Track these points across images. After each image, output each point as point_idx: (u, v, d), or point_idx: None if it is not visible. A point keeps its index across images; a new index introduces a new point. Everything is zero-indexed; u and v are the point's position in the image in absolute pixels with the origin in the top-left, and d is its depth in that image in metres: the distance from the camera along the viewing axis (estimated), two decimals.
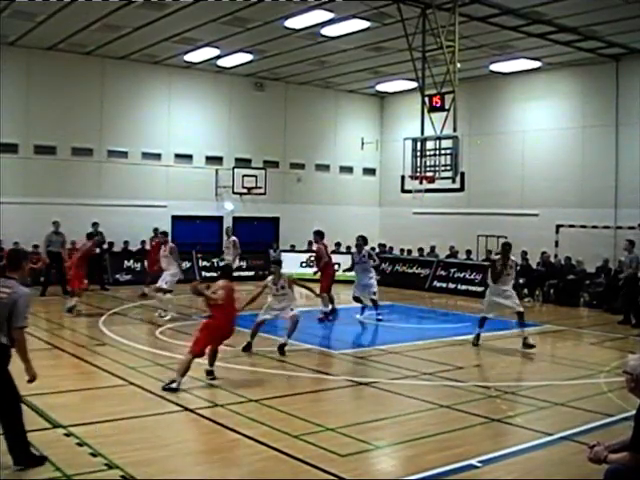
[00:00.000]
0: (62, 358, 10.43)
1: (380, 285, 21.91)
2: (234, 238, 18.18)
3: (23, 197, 19.50)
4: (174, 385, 8.48)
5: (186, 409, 7.71)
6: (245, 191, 23.04)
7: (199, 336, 8.93)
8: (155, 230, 19.35)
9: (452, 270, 20.90)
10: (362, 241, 14.97)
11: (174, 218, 22.47)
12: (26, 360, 5.79)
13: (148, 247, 19.73)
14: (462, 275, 20.53)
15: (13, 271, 5.88)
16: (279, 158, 24.83)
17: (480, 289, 19.80)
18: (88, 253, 15.70)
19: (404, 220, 24.62)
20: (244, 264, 21.84)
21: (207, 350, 9.04)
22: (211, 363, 9.17)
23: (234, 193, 22.95)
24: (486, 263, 20.72)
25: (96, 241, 17.28)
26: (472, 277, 20.25)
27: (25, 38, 18.92)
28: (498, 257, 12.84)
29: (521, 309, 12.30)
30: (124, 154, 21.77)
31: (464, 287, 20.27)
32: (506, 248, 12.61)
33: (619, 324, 14.99)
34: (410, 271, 22.08)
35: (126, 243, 21.21)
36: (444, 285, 20.85)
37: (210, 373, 9.13)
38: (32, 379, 5.85)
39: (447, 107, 15.98)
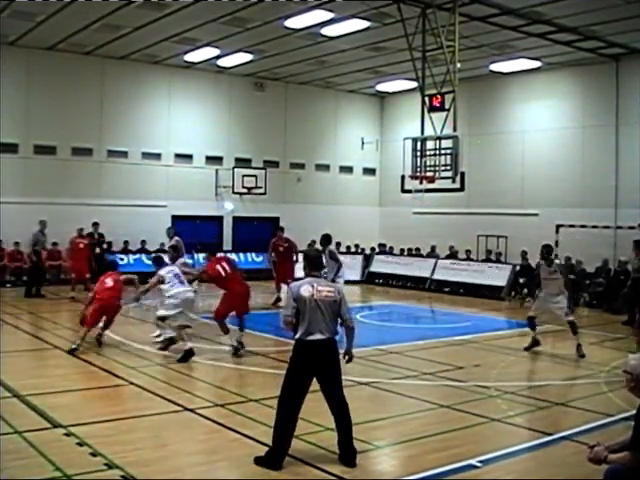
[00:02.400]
0: (62, 358, 10.42)
1: (380, 285, 22.08)
2: (177, 238, 15.79)
3: (23, 197, 19.48)
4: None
5: (186, 409, 7.70)
6: (245, 191, 23.04)
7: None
8: (80, 229, 18.29)
9: (452, 271, 20.89)
10: (324, 240, 13.18)
11: (174, 218, 22.43)
12: (352, 343, 6.57)
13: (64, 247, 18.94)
14: (461, 279, 20.51)
15: (318, 270, 6.58)
16: (279, 158, 24.83)
17: (479, 291, 19.86)
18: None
19: (404, 220, 24.62)
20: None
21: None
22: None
23: (234, 193, 22.95)
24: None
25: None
26: (472, 279, 20.22)
27: (25, 38, 18.92)
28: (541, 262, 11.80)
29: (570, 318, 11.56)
30: (124, 154, 21.77)
31: (463, 288, 20.26)
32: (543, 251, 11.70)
33: (623, 324, 14.91)
34: (409, 273, 22.03)
35: (126, 243, 21.22)
36: (444, 286, 20.84)
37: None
38: (351, 359, 6.62)
39: (447, 107, 15.99)
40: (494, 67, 21.24)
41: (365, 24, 17.17)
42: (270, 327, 13.88)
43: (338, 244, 23.56)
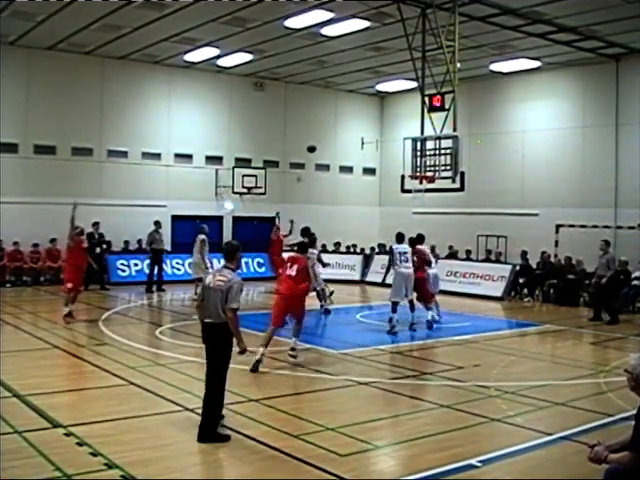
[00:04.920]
0: (62, 358, 10.43)
1: (378, 285, 22.00)
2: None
3: (23, 197, 19.50)
4: None
5: (186, 409, 7.71)
6: (245, 191, 23.04)
7: None
8: (157, 223, 19.64)
9: (452, 270, 20.84)
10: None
11: (174, 218, 22.47)
12: (237, 334, 6.82)
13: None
14: (462, 278, 20.48)
15: (229, 261, 7.08)
16: (279, 158, 24.83)
17: (480, 291, 19.84)
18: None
19: (404, 220, 24.53)
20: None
21: None
22: None
23: (234, 193, 22.95)
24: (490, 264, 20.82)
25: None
26: (472, 279, 20.20)
27: (25, 38, 18.92)
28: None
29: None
30: (124, 154, 21.77)
31: (464, 288, 20.23)
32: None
33: (590, 321, 15.13)
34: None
35: (126, 243, 21.22)
36: (444, 286, 20.76)
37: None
38: (243, 351, 6.95)
39: (447, 107, 15.98)
40: (494, 67, 21.23)
41: (365, 24, 17.16)
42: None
43: (338, 244, 23.64)
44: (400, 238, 13.86)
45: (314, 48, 19.74)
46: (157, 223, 19.65)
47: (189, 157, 22.99)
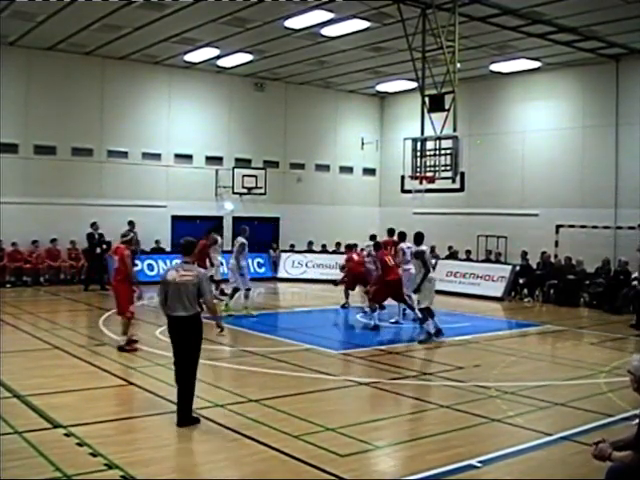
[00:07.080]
0: (62, 358, 10.42)
1: None
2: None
3: (23, 197, 19.49)
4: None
5: None
6: (245, 191, 23.04)
7: None
8: (131, 223, 18.73)
9: (452, 270, 20.83)
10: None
11: (174, 218, 22.46)
12: (216, 315, 7.89)
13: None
14: (462, 278, 20.48)
15: (188, 256, 7.56)
16: (279, 158, 24.83)
17: (480, 292, 19.83)
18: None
19: (404, 220, 24.49)
20: None
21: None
22: None
23: (234, 193, 22.95)
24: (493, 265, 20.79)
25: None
26: (472, 279, 20.19)
27: (25, 38, 18.92)
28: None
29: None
30: (124, 154, 21.76)
31: (464, 289, 20.21)
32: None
33: (631, 327, 14.29)
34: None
35: None
36: (444, 286, 20.78)
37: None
38: (222, 329, 8.38)
39: (447, 107, 15.98)
40: (494, 67, 21.23)
41: (365, 24, 17.16)
42: (270, 327, 13.91)
43: (338, 244, 23.61)
44: (421, 239, 12.86)
45: (314, 48, 19.74)
46: (130, 223, 18.77)
47: (189, 157, 22.99)
